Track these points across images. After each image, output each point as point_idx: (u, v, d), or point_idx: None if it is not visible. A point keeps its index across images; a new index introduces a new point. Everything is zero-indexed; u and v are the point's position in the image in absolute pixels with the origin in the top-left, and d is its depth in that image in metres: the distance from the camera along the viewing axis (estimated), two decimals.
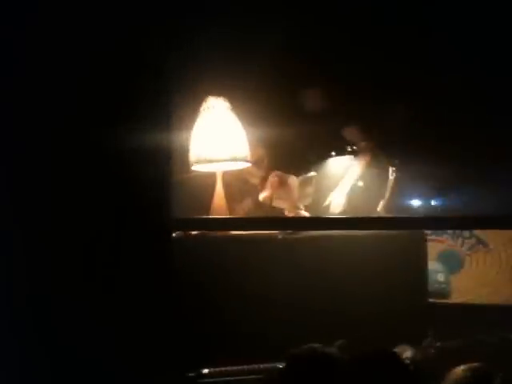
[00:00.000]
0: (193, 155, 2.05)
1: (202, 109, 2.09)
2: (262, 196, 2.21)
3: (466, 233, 2.46)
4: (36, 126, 1.34)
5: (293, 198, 2.19)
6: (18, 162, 1.32)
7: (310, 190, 2.15)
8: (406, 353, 2.02)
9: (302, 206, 2.15)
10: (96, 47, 1.40)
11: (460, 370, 1.85)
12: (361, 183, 2.27)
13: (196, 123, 2.07)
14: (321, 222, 1.94)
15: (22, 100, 1.32)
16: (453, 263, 2.50)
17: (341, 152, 2.25)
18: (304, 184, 2.16)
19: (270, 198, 2.20)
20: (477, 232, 2.44)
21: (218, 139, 2.05)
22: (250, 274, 2.05)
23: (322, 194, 2.16)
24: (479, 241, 2.48)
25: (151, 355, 1.36)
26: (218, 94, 2.09)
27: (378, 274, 2.23)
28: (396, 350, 2.05)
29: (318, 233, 2.12)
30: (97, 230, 1.33)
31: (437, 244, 2.49)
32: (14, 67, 1.34)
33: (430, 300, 2.40)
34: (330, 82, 2.27)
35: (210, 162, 2.06)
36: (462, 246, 2.49)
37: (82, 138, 1.34)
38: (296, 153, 2.24)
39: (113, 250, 1.35)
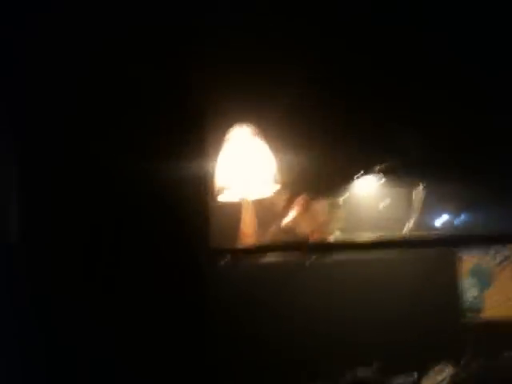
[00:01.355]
0: (219, 184, 2.06)
1: (227, 137, 2.11)
2: (286, 221, 2.20)
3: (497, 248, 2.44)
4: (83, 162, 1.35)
5: (319, 222, 2.19)
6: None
7: (340, 213, 2.14)
8: (447, 371, 2.01)
9: (331, 230, 2.15)
10: (135, 84, 1.42)
11: None
12: (384, 201, 2.27)
13: (222, 151, 2.08)
14: (349, 245, 1.95)
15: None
16: (484, 278, 2.47)
17: (369, 172, 2.25)
18: (333, 207, 2.16)
19: (296, 223, 2.19)
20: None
21: (245, 167, 2.06)
22: (279, 300, 2.06)
23: (353, 216, 2.15)
24: (508, 256, 2.46)
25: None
26: (244, 120, 2.11)
27: (410, 295, 2.22)
28: (437, 368, 2.04)
29: (343, 258, 2.13)
30: (137, 259, 1.34)
31: (466, 260, 2.47)
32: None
33: (465, 316, 2.38)
34: (356, 102, 2.28)
35: (237, 190, 2.07)
36: (494, 259, 2.47)
37: (129, 169, 1.36)
38: (323, 176, 2.25)
39: (151, 280, 1.36)
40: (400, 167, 2.22)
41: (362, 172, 2.28)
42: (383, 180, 2.24)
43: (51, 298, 1.31)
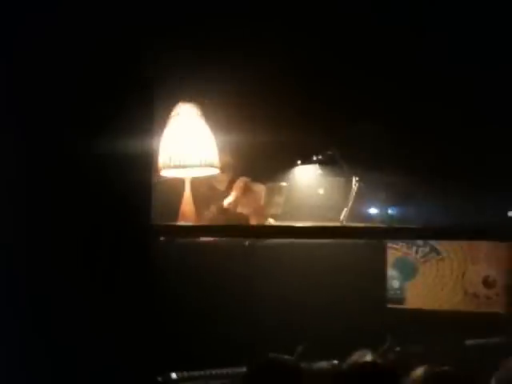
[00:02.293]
0: (162, 160, 2.06)
1: (172, 114, 2.10)
2: (226, 201, 2.23)
3: (421, 241, 2.56)
4: (33, 132, 1.33)
5: (258, 204, 2.23)
6: (19, 165, 1.31)
7: (278, 199, 2.19)
8: (367, 357, 2.09)
9: (269, 214, 2.19)
10: (84, 53, 1.40)
11: (420, 370, 1.94)
12: (322, 191, 2.33)
13: (166, 128, 2.08)
14: (287, 231, 2.00)
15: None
16: (407, 270, 2.59)
17: (307, 161, 2.30)
18: (272, 192, 2.20)
19: (235, 204, 2.22)
20: (431, 241, 2.55)
21: (187, 145, 2.07)
22: (218, 278, 2.09)
23: (290, 203, 2.20)
24: (432, 249, 2.59)
25: (124, 356, 1.37)
26: (188, 99, 2.11)
27: (338, 280, 2.31)
28: (356, 354, 2.13)
29: (281, 241, 2.18)
30: (81, 235, 1.34)
31: (392, 251, 2.58)
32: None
33: (388, 306, 2.49)
34: (300, 90, 2.32)
35: (179, 167, 2.07)
36: (416, 253, 2.59)
37: (69, 144, 1.35)
38: (262, 161, 2.28)
39: (96, 254, 1.36)
40: (338, 158, 2.28)
41: (301, 160, 2.33)
42: (322, 170, 2.29)
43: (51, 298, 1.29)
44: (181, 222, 2.01)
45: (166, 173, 2.10)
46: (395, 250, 2.59)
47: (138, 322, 1.38)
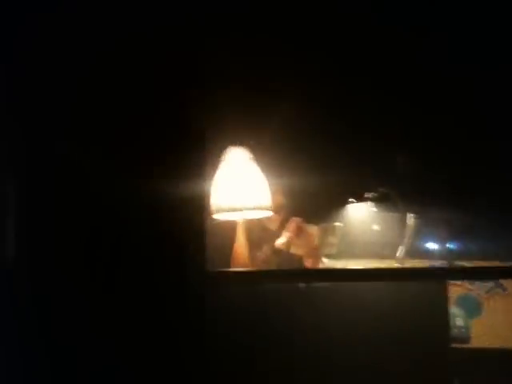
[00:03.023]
0: (214, 204, 2.07)
1: (222, 158, 2.12)
2: (279, 242, 2.21)
3: None
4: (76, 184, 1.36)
5: (311, 245, 2.20)
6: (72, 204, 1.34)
7: (333, 239, 2.16)
8: None
9: (323, 255, 2.16)
10: (139, 100, 1.43)
11: None
12: (376, 228, 2.29)
13: (217, 172, 2.09)
14: (344, 274, 1.96)
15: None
16: (471, 307, 2.49)
17: (359, 199, 2.27)
18: (325, 232, 2.17)
19: (288, 245, 2.21)
20: None
21: (238, 188, 2.07)
22: (271, 322, 2.05)
23: (344, 242, 2.16)
24: (497, 284, 2.49)
25: None
26: (238, 143, 2.13)
27: (397, 320, 2.23)
28: None
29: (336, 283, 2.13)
30: (134, 280, 1.34)
31: (455, 288, 2.49)
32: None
33: (452, 346, 2.39)
34: (351, 129, 2.31)
35: (232, 210, 2.08)
36: (479, 289, 2.49)
37: (121, 188, 1.37)
38: (315, 201, 2.26)
39: (149, 300, 1.35)
40: (393, 195, 2.25)
41: (354, 199, 2.30)
42: (376, 207, 2.26)
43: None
44: (234, 267, 2.01)
45: (217, 216, 2.10)
46: (457, 287, 2.51)
47: (191, 370, 1.37)
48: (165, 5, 1.54)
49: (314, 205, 2.25)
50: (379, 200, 2.24)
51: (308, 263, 2.18)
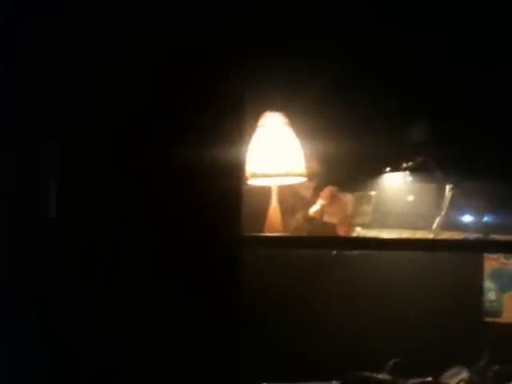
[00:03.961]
0: (249, 169, 2.05)
1: (259, 123, 2.10)
2: (313, 210, 2.20)
3: None
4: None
5: (345, 214, 2.18)
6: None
7: (367, 208, 2.13)
8: (462, 374, 1.99)
9: (356, 224, 2.14)
10: (176, 65, 1.42)
11: None
12: (412, 199, 2.25)
13: (253, 138, 2.08)
14: (378, 243, 1.94)
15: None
16: (505, 282, 2.45)
17: (396, 168, 2.23)
18: (360, 201, 2.14)
19: (322, 213, 2.19)
20: None
21: (274, 154, 2.06)
22: (305, 289, 2.06)
23: (379, 211, 2.14)
24: None
25: (213, 369, 1.36)
26: (275, 108, 2.10)
27: (431, 292, 2.21)
28: (451, 370, 2.03)
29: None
30: (171, 245, 1.35)
31: (490, 261, 2.46)
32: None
33: (485, 319, 2.37)
34: (385, 97, 2.26)
35: (266, 176, 2.06)
36: None
37: (160, 153, 1.36)
38: (350, 169, 2.24)
39: (185, 264, 1.36)
40: (431, 165, 2.20)
41: (390, 168, 2.26)
42: (412, 176, 2.22)
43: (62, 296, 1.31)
44: (268, 232, 2.00)
45: (252, 181, 2.09)
46: (492, 261, 2.47)
47: (227, 334, 1.38)
48: None
49: (349, 173, 2.22)
50: (416, 169, 2.19)
51: (341, 231, 2.17)
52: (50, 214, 1.32)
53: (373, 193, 2.15)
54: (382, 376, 1.96)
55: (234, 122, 1.50)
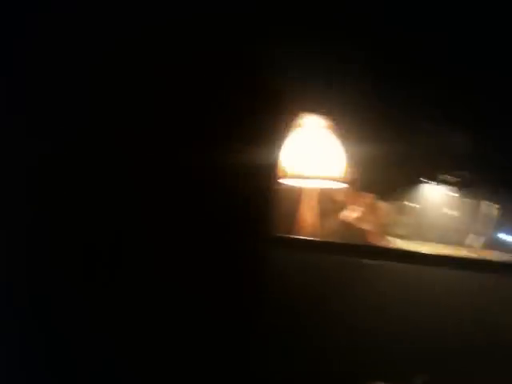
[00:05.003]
0: (284, 169, 2.02)
1: (299, 124, 2.07)
2: (349, 215, 2.15)
3: None
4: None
5: (380, 222, 2.13)
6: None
7: (403, 219, 2.08)
8: None
9: (393, 234, 2.09)
10: (214, 65, 1.39)
11: None
12: (452, 213, 2.18)
13: (288, 139, 2.04)
14: (416, 257, 1.88)
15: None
16: None
17: (436, 180, 2.17)
18: (398, 212, 2.10)
19: (357, 219, 2.14)
20: None
21: (312, 155, 2.02)
22: (333, 296, 2.00)
23: (417, 224, 2.08)
24: None
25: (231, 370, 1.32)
26: (317, 111, 2.07)
27: (469, 313, 2.13)
28: None
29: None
30: (201, 244, 1.31)
31: None
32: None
33: None
34: (432, 110, 2.20)
35: (301, 177, 2.03)
36: None
37: (196, 152, 1.34)
38: (390, 178, 2.18)
39: (213, 263, 1.33)
40: (471, 181, 2.13)
41: (430, 180, 2.20)
42: (451, 191, 2.15)
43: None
44: (298, 234, 1.97)
45: (285, 181, 2.06)
46: None
47: (249, 336, 1.34)
48: None
49: (388, 181, 2.17)
50: (456, 184, 2.13)
51: (375, 240, 2.11)
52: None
53: (411, 204, 2.09)
54: None
55: (272, 123, 1.45)
